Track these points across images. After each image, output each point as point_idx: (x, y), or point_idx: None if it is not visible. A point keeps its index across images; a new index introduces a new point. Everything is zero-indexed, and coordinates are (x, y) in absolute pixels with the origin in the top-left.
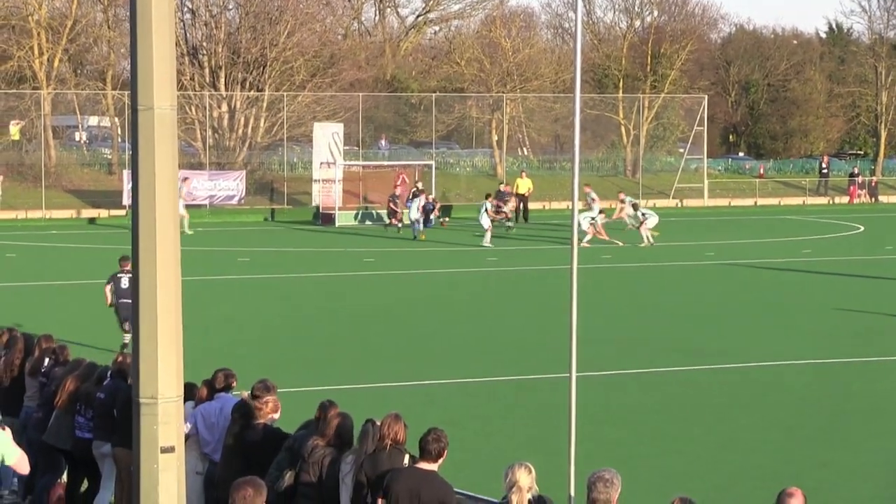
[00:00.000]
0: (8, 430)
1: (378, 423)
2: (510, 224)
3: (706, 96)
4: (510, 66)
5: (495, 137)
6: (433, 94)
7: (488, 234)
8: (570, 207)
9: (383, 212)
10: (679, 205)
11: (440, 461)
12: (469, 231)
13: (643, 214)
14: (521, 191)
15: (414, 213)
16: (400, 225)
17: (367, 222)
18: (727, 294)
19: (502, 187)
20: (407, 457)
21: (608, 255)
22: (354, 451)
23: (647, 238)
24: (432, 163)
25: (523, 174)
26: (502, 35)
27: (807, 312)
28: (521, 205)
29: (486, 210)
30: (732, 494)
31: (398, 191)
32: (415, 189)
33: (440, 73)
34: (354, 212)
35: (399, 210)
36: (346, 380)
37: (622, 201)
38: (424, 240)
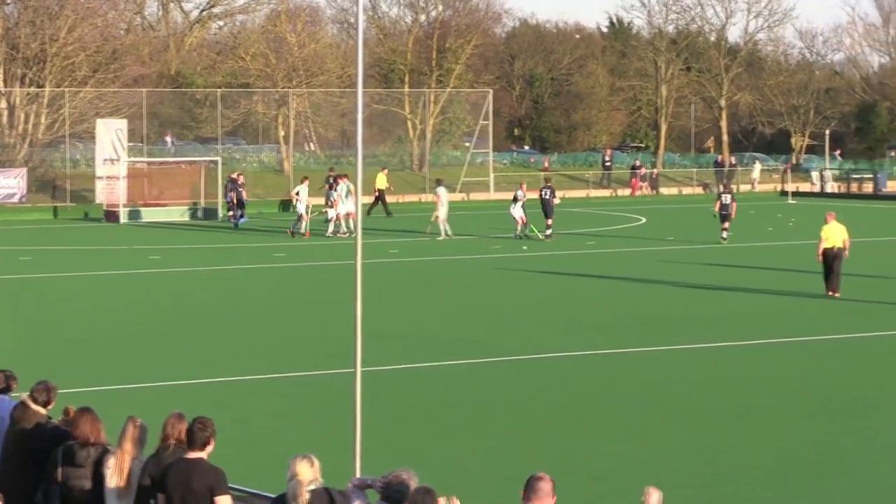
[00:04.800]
0: None
1: (138, 421)
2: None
3: (491, 91)
4: (296, 62)
5: (282, 133)
6: (218, 90)
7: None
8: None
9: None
10: (466, 198)
11: (208, 449)
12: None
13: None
14: (380, 186)
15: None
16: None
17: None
18: (511, 289)
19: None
20: None
21: (395, 250)
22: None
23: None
24: (219, 159)
25: (385, 170)
26: (287, 30)
27: (586, 303)
28: (380, 201)
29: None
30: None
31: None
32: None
33: (225, 68)
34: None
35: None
36: (130, 379)
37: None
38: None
